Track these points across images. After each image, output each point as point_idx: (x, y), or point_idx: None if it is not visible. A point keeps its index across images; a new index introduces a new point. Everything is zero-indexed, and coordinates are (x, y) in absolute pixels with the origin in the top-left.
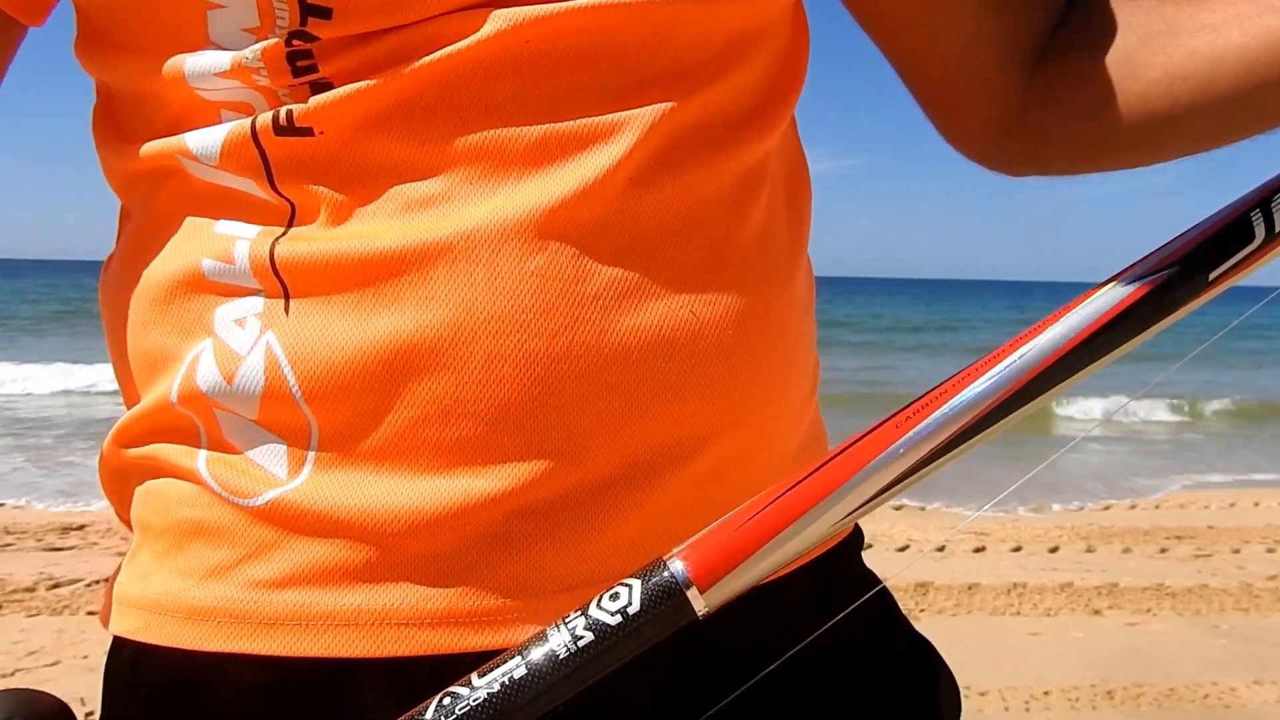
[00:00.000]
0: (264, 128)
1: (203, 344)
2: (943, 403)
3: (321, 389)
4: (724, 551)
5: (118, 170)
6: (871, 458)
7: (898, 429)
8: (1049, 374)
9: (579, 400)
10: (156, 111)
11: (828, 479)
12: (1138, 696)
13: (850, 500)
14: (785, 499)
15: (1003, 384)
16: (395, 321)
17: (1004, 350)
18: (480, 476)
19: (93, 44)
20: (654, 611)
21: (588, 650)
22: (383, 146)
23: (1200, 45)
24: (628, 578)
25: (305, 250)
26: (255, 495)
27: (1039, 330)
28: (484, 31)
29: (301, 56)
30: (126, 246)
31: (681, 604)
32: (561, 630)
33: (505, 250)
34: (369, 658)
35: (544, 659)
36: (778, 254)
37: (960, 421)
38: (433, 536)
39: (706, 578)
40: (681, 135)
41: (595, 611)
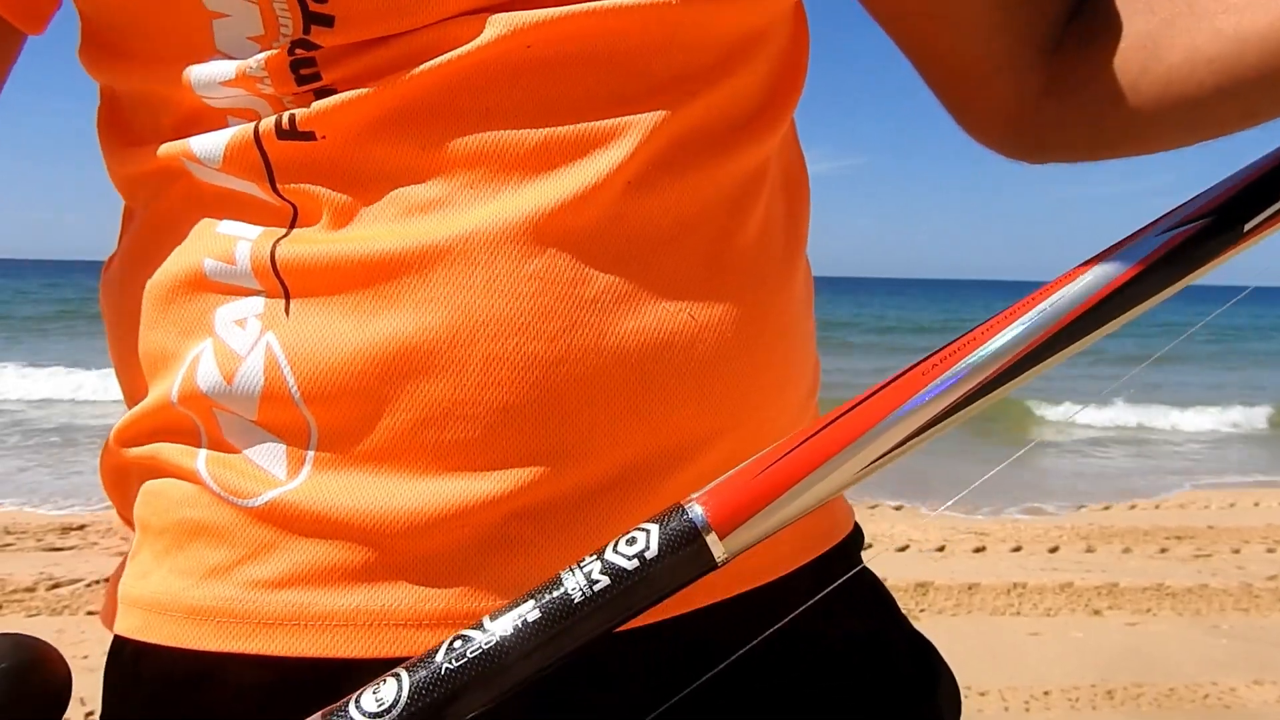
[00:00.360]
0: (266, 132)
1: (203, 344)
2: (971, 350)
3: (321, 390)
4: (744, 497)
5: (122, 172)
6: (897, 405)
7: (924, 376)
8: (1079, 323)
9: (577, 403)
10: (162, 116)
11: (851, 426)
12: (1138, 696)
13: (874, 448)
14: (808, 445)
15: (1032, 332)
16: (394, 324)
17: (1034, 298)
18: (479, 478)
19: (98, 50)
20: (672, 556)
21: (603, 595)
22: (384, 151)
23: (1224, 27)
24: (645, 522)
25: (306, 251)
26: (254, 496)
27: (1069, 279)
28: (485, 37)
29: (305, 65)
30: (129, 247)
31: (700, 549)
32: (576, 574)
33: (504, 253)
34: (367, 658)
35: (559, 602)
36: (776, 256)
37: (988, 369)
38: (431, 537)
39: (726, 523)
40: (682, 139)
41: (611, 555)
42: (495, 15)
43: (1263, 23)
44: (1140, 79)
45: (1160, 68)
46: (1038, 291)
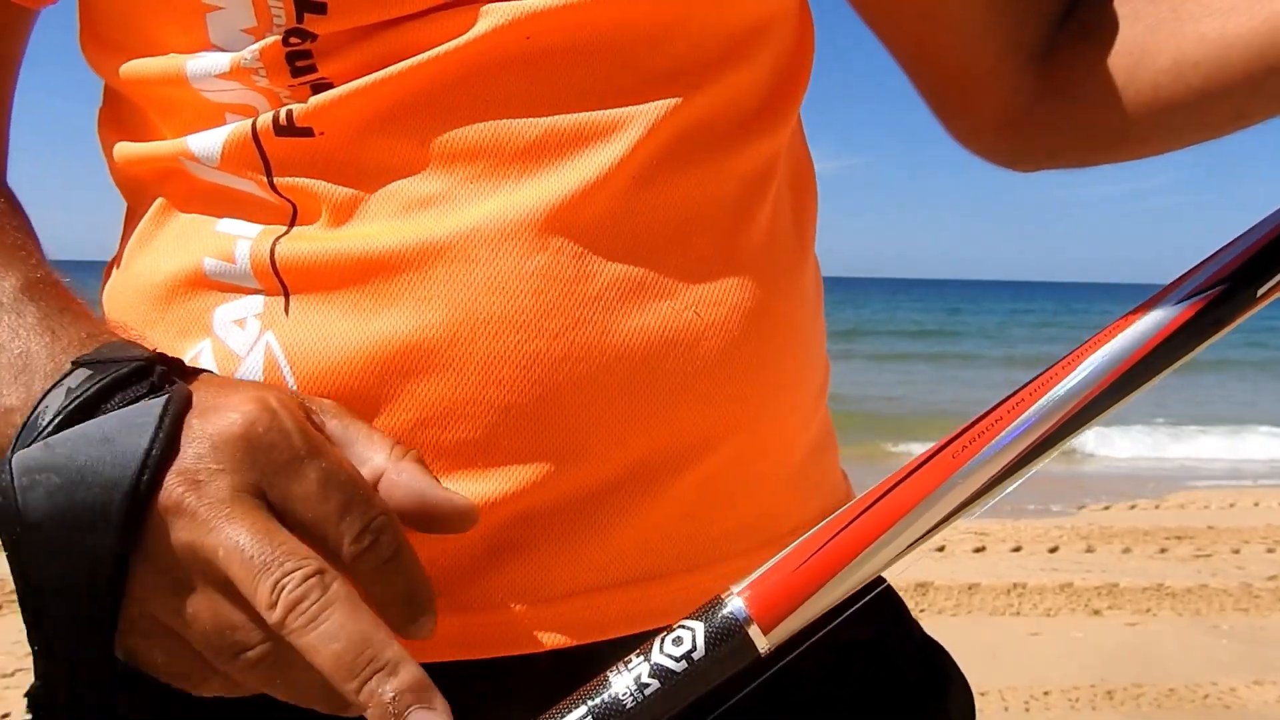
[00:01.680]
0: (264, 128)
1: (201, 344)
2: (1001, 429)
3: (321, 390)
4: (786, 589)
5: (122, 170)
6: (933, 487)
7: (955, 458)
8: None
9: (580, 402)
10: (161, 113)
11: (890, 510)
12: (1138, 697)
13: (912, 531)
14: (847, 532)
15: (1058, 406)
16: (394, 322)
17: (1055, 374)
18: (480, 479)
19: (97, 44)
20: (717, 653)
21: (653, 697)
22: (383, 146)
23: (1209, 31)
24: (687, 619)
25: (305, 250)
26: None
27: (1087, 353)
28: (482, 28)
29: (300, 56)
30: (131, 246)
31: (744, 643)
32: (624, 676)
33: (505, 250)
34: None
35: (611, 708)
36: (783, 253)
37: (1019, 447)
38: (432, 543)
39: (769, 616)
40: (686, 133)
41: (659, 657)
42: (492, 5)
43: (1246, 26)
44: (1129, 84)
45: (1148, 73)
46: (1064, 360)
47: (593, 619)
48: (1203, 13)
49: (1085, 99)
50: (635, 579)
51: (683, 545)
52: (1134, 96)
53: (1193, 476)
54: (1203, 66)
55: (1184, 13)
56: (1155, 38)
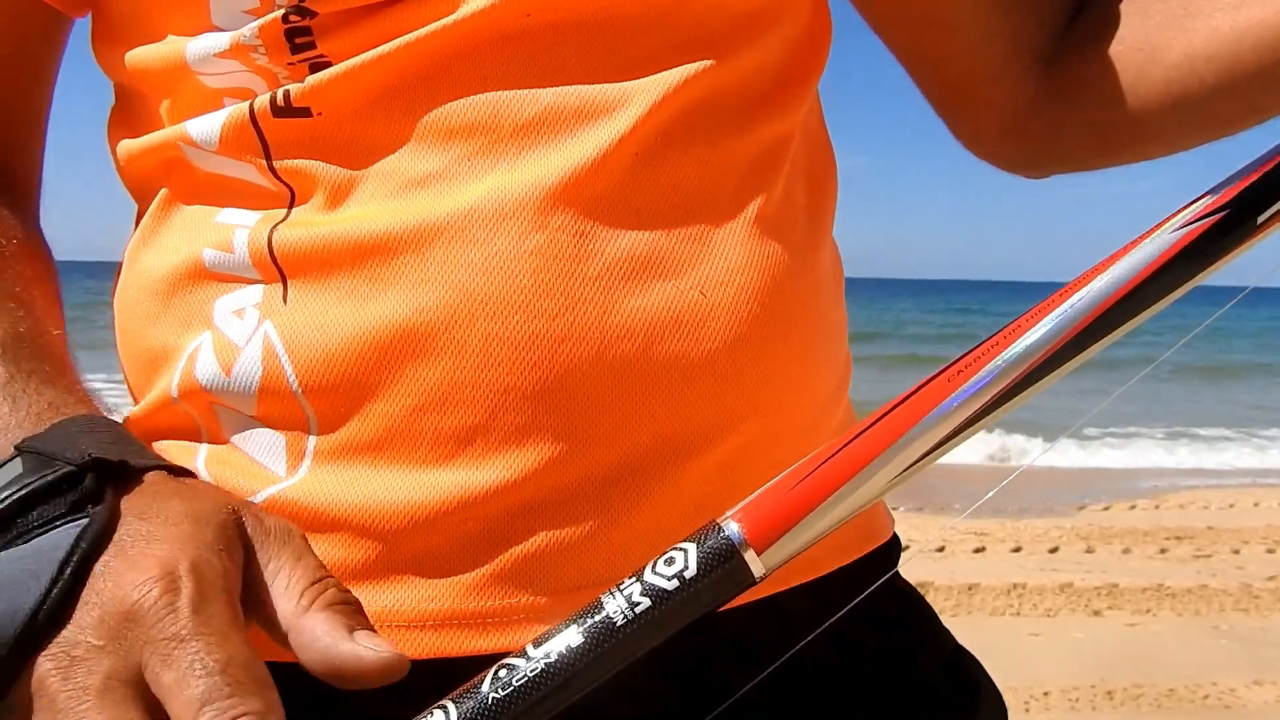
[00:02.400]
0: (262, 110)
1: (202, 336)
2: (996, 354)
3: (318, 379)
4: (780, 511)
5: (127, 167)
6: (926, 411)
7: (950, 382)
8: (1101, 322)
9: (583, 384)
10: (163, 103)
11: (882, 434)
12: (1138, 697)
13: (905, 456)
14: (840, 456)
15: (1055, 333)
16: (391, 306)
17: (1055, 299)
18: (482, 467)
19: (105, 40)
20: (712, 575)
21: (645, 616)
22: (380, 125)
23: (1220, 25)
24: (681, 541)
25: (302, 235)
26: (253, 493)
27: (1088, 279)
28: (483, 3)
29: (300, 33)
30: (136, 243)
31: (739, 567)
32: (616, 597)
33: (503, 230)
34: None
35: (602, 626)
36: (796, 237)
37: (1013, 374)
38: (434, 532)
39: (763, 539)
40: (692, 110)
41: (651, 577)
42: None
43: (1258, 18)
44: (1139, 82)
45: (1158, 70)
46: (1058, 292)
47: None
48: (1213, 7)
49: (1095, 100)
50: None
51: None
52: (1145, 94)
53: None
54: (1215, 61)
55: (1194, 7)
56: (1165, 34)
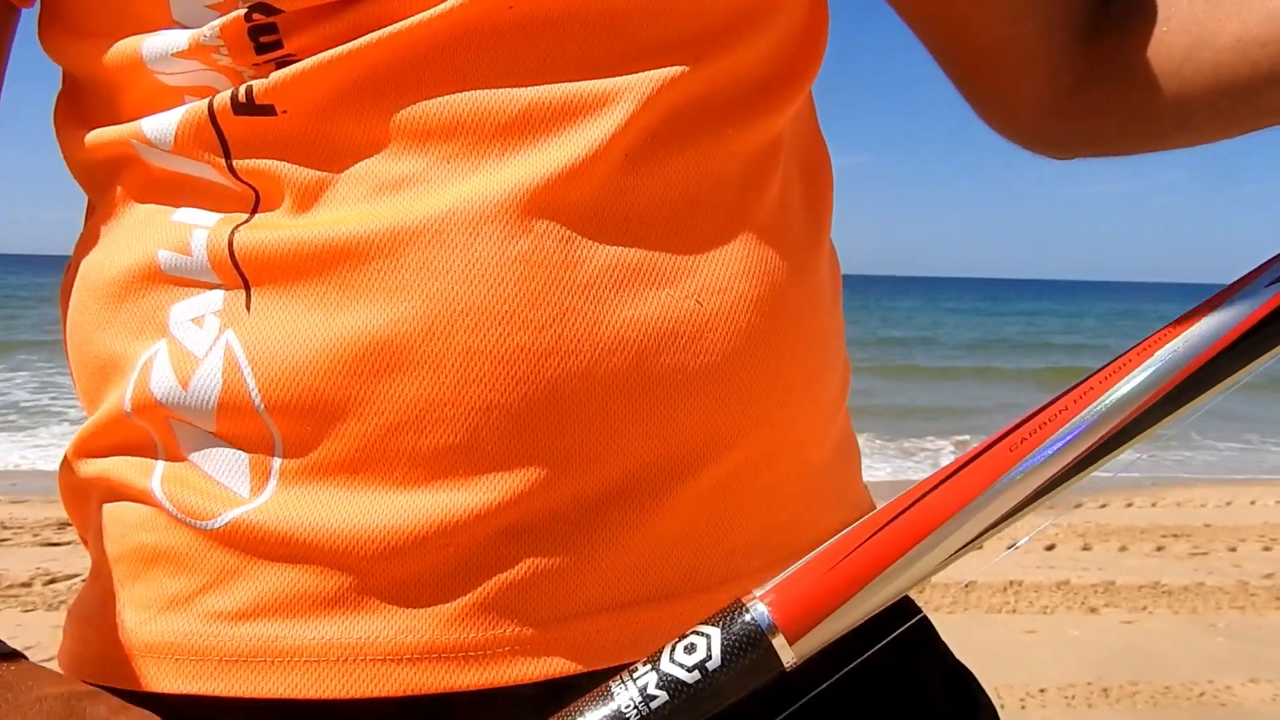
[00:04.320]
0: (222, 107)
1: (157, 345)
2: (1061, 424)
3: (284, 396)
4: (815, 595)
5: (77, 159)
6: (984, 487)
7: (1012, 451)
8: (1182, 388)
9: (571, 401)
10: (117, 98)
11: (931, 512)
12: (1134, 695)
13: (959, 536)
14: (885, 535)
15: (1126, 403)
16: (363, 316)
17: (1123, 365)
18: (463, 490)
19: (55, 28)
20: (737, 664)
21: (660, 713)
22: (351, 125)
23: (1277, 7)
24: (702, 624)
25: (266, 239)
26: (213, 516)
27: (1161, 343)
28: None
29: (265, 31)
30: (84, 241)
31: (767, 654)
32: (629, 687)
33: (484, 234)
34: (343, 699)
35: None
36: (794, 241)
37: (1082, 445)
38: (412, 559)
39: (795, 625)
40: (684, 107)
41: (668, 666)
42: None
43: None
44: (1185, 65)
45: (1208, 53)
46: (1133, 351)
47: (588, 645)
48: None
49: (1138, 83)
50: (637, 600)
51: (690, 562)
52: (1192, 79)
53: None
54: (1270, 45)
55: None
56: (1216, 15)
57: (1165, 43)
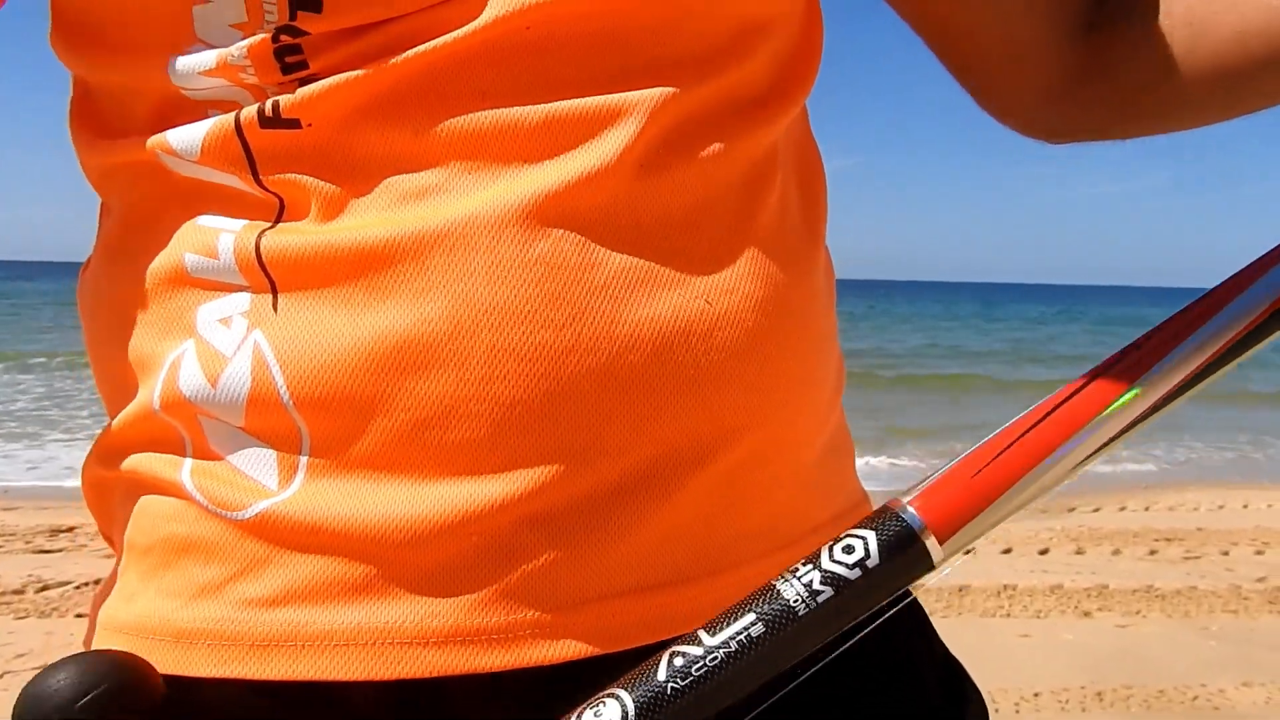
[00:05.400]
0: (249, 121)
1: (184, 345)
2: (1190, 333)
3: (312, 392)
4: (961, 499)
5: (94, 165)
6: (1120, 391)
7: (1139, 365)
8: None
9: (589, 396)
10: (137, 106)
11: (1069, 419)
12: (1127, 698)
13: (1092, 441)
14: (1024, 441)
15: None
16: (390, 317)
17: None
18: (486, 481)
19: (70, 37)
20: (893, 563)
21: (829, 605)
22: (374, 137)
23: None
24: (854, 529)
25: (293, 242)
26: (244, 507)
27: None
28: (482, 19)
29: (290, 52)
30: (104, 244)
31: (920, 553)
32: (794, 584)
33: (506, 237)
34: (371, 680)
35: (781, 615)
36: (793, 244)
37: (1211, 348)
38: (437, 547)
39: (944, 526)
40: (691, 119)
41: (830, 564)
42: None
43: None
44: (1186, 57)
45: (1208, 44)
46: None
47: (604, 628)
48: None
49: (1135, 74)
50: (650, 585)
51: (700, 548)
52: (1191, 70)
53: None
54: (1268, 34)
55: None
56: (1215, 7)
57: (1164, 38)
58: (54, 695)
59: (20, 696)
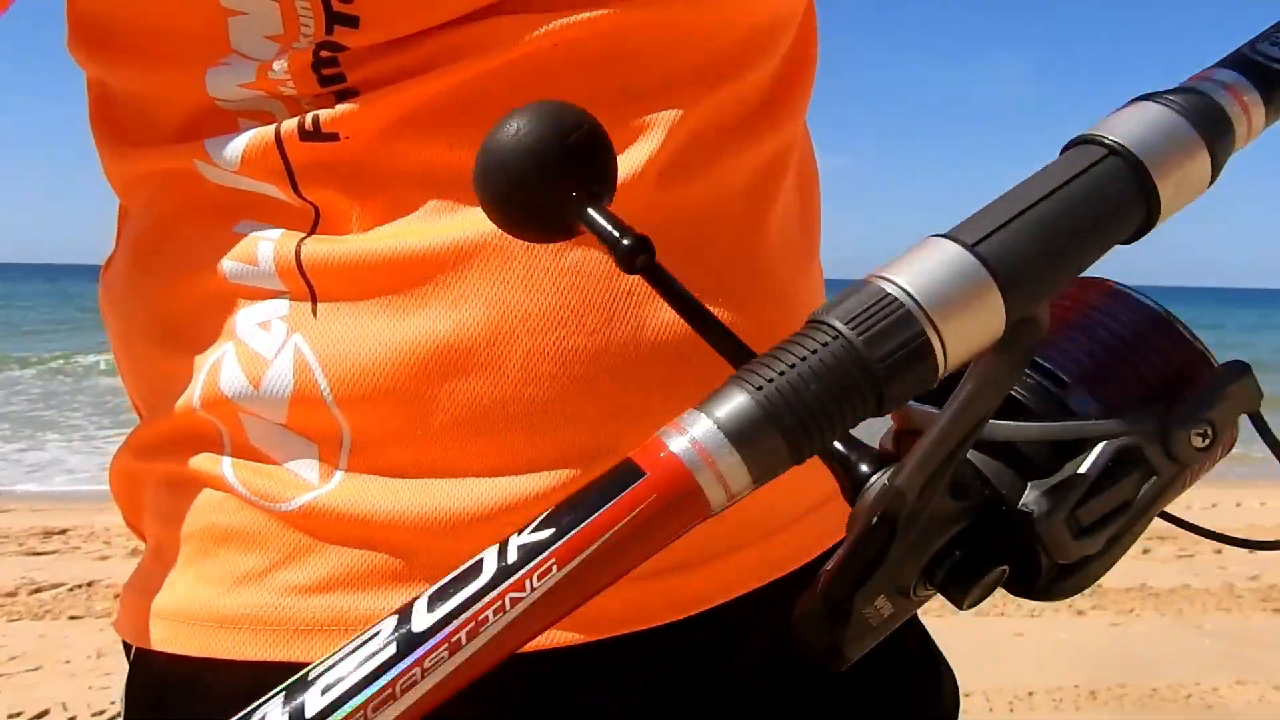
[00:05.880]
0: (289, 134)
1: (224, 348)
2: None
3: (354, 391)
4: None
5: (119, 172)
6: None
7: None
8: None
9: (618, 397)
10: (166, 115)
11: None
12: (1121, 697)
13: None
14: None
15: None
16: (430, 322)
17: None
18: (521, 478)
19: (92, 44)
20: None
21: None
22: (410, 150)
23: None
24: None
25: (334, 250)
26: (287, 500)
27: None
28: (510, 38)
29: (328, 65)
30: (132, 249)
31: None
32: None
33: (540, 247)
34: None
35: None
36: (794, 249)
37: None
38: (473, 537)
39: None
40: (707, 129)
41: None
42: (522, 16)
43: None
44: None
45: None
46: None
47: (636, 608)
48: None
49: None
50: (664, 570)
51: (705, 535)
52: None
53: None
54: None
55: None
56: None
57: None
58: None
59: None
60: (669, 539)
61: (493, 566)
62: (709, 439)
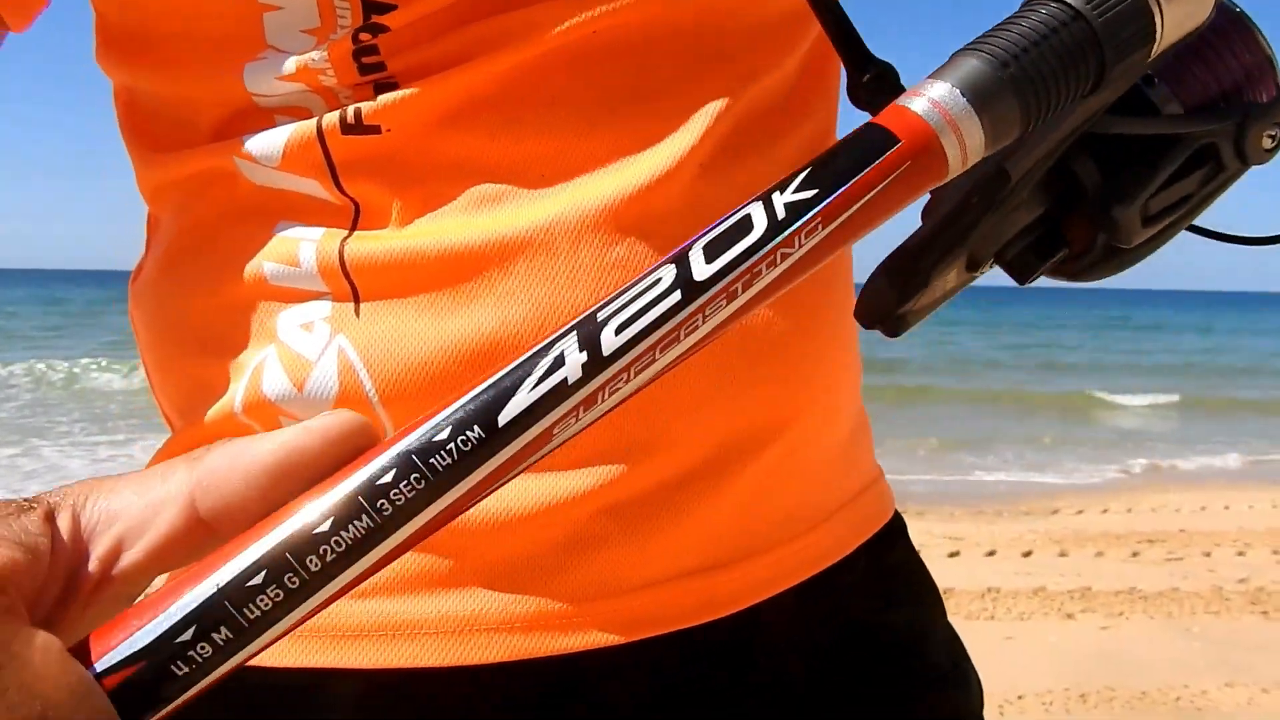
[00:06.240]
0: (330, 128)
1: (265, 351)
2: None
3: (399, 391)
4: None
5: (152, 180)
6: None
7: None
8: None
9: (664, 388)
10: (200, 117)
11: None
12: (1111, 700)
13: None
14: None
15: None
16: (475, 319)
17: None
18: (565, 476)
19: (122, 51)
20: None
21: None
22: (452, 142)
23: None
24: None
25: (376, 249)
26: None
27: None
28: (549, 25)
29: (368, 52)
30: (165, 255)
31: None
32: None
33: (586, 241)
34: (461, 665)
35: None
36: None
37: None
38: (518, 538)
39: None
40: (746, 117)
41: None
42: (562, 3)
43: None
44: None
45: None
46: None
47: (672, 609)
48: None
49: None
50: (701, 568)
51: (741, 533)
52: None
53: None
54: None
55: None
56: None
57: None
58: None
59: None
60: (909, 202)
61: (763, 222)
62: (953, 103)
